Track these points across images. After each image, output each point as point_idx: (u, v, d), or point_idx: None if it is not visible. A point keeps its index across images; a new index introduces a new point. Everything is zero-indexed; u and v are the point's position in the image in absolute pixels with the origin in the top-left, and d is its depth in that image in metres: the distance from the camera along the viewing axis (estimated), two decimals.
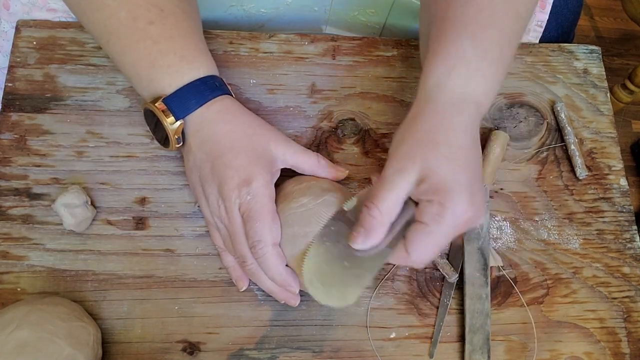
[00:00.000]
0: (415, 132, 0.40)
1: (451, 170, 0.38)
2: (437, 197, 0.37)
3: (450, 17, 0.42)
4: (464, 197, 0.38)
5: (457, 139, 0.39)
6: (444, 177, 0.38)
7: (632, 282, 0.50)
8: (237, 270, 0.46)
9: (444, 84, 0.40)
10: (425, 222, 0.38)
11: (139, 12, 0.42)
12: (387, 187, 0.38)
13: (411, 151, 0.39)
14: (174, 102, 0.42)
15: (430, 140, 0.39)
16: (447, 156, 0.38)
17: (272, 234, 0.42)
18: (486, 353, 0.46)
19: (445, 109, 0.40)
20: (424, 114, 0.40)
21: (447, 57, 0.40)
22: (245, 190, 0.41)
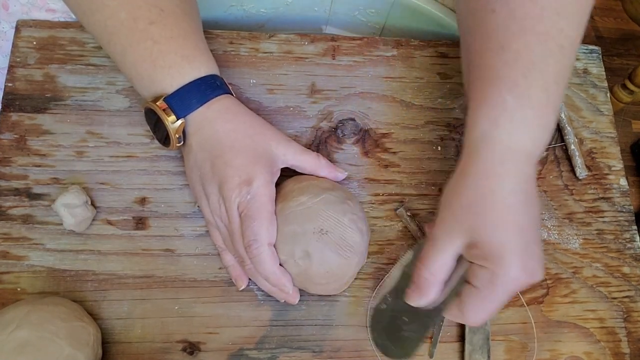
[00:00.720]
0: (462, 194, 0.39)
1: (501, 237, 0.37)
2: (488, 264, 0.37)
3: (487, 64, 0.40)
4: (515, 263, 0.36)
5: (506, 202, 0.37)
6: (494, 245, 0.37)
7: (632, 282, 0.50)
8: (236, 269, 0.46)
9: (488, 138, 0.38)
10: (477, 287, 0.38)
11: (139, 12, 0.42)
12: (436, 249, 0.39)
13: (459, 216, 0.38)
14: (175, 101, 0.42)
15: (477, 205, 0.38)
16: (495, 222, 0.37)
17: (268, 234, 0.42)
18: (486, 353, 0.46)
19: (492, 169, 0.38)
20: (470, 172, 0.39)
21: (489, 109, 0.39)
22: (245, 190, 0.41)
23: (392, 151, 0.52)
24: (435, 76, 0.55)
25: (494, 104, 0.39)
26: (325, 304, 0.47)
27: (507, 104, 0.38)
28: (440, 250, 0.39)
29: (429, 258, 0.39)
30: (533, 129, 0.39)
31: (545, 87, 0.39)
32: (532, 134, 0.39)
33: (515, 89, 0.38)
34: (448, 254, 0.38)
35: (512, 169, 0.38)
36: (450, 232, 0.38)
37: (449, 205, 0.39)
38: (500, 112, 0.38)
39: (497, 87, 0.39)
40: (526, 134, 0.38)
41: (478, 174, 0.38)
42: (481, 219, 0.37)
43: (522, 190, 0.38)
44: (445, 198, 0.40)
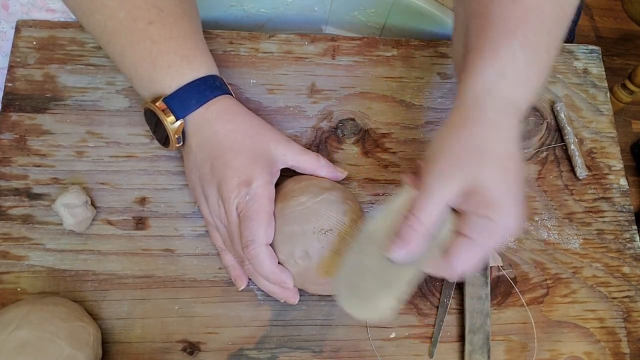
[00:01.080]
0: (463, 139, 0.37)
1: (503, 185, 0.37)
2: (489, 212, 0.36)
3: (495, 15, 0.39)
4: (514, 212, 0.37)
5: (510, 152, 0.37)
6: (497, 192, 0.36)
7: (632, 282, 0.50)
8: (236, 269, 0.46)
9: (494, 89, 0.38)
10: (472, 237, 0.37)
11: (138, 12, 0.42)
12: (429, 195, 0.37)
13: (459, 159, 0.37)
14: (175, 102, 0.42)
15: (482, 151, 0.37)
16: (499, 170, 0.37)
17: (266, 235, 0.41)
18: (486, 353, 0.46)
19: (497, 119, 0.38)
20: (472, 121, 0.38)
21: (497, 60, 0.38)
22: (244, 191, 0.41)
23: (392, 151, 0.52)
24: (435, 76, 0.55)
25: (502, 55, 0.38)
26: (325, 304, 0.47)
27: (516, 58, 0.38)
28: (434, 198, 0.37)
29: (418, 206, 0.37)
30: (532, 87, 0.39)
31: (548, 50, 0.39)
32: (531, 92, 0.39)
33: (526, 44, 0.38)
34: (442, 202, 0.37)
35: (512, 121, 0.38)
36: (448, 177, 0.37)
37: (446, 151, 0.37)
38: (509, 65, 0.38)
39: (507, 38, 0.38)
40: (527, 90, 0.39)
41: (483, 123, 0.38)
42: (488, 165, 0.36)
43: (515, 141, 0.38)
44: (440, 145, 0.38)
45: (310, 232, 0.42)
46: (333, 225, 0.42)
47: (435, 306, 0.48)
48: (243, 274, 0.46)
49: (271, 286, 0.44)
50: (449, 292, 0.48)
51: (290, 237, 0.42)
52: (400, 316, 0.47)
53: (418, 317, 0.47)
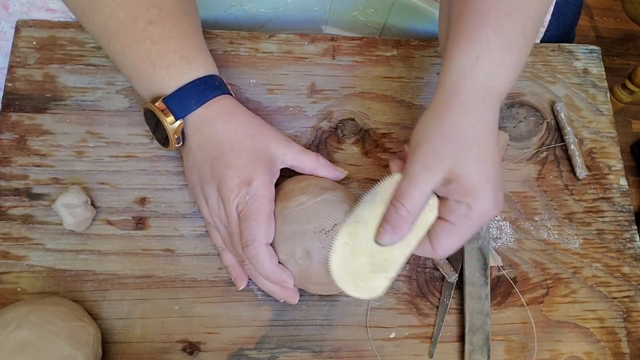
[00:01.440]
0: (442, 127, 0.39)
1: (481, 172, 0.38)
2: (466, 198, 0.38)
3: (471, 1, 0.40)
4: (491, 197, 0.38)
5: (485, 138, 0.39)
6: (474, 180, 0.38)
7: (632, 282, 0.50)
8: (236, 269, 0.46)
9: (469, 75, 0.39)
10: (451, 222, 0.39)
11: (138, 12, 0.42)
12: (414, 184, 0.39)
13: (439, 149, 0.38)
14: (174, 102, 0.42)
15: (459, 139, 0.38)
16: (477, 157, 0.38)
17: (266, 234, 0.41)
18: (486, 353, 0.46)
19: (472, 105, 0.39)
20: (450, 107, 0.39)
21: (471, 46, 0.39)
22: (244, 191, 0.41)
23: (392, 151, 0.52)
24: (435, 76, 0.55)
25: (476, 39, 0.39)
26: (325, 304, 0.47)
27: (489, 42, 0.39)
28: (418, 187, 0.38)
29: (405, 194, 0.39)
30: (509, 71, 0.40)
31: (524, 32, 0.40)
32: (507, 76, 0.40)
33: (499, 27, 0.39)
34: (427, 190, 0.39)
35: (489, 107, 0.39)
36: (431, 166, 0.38)
37: (426, 140, 0.39)
38: (482, 49, 0.39)
39: (481, 22, 0.39)
40: (503, 75, 0.39)
41: (459, 109, 0.39)
42: (464, 154, 0.38)
43: (495, 128, 0.40)
44: (422, 133, 0.40)
45: (311, 232, 0.42)
46: (333, 225, 0.42)
47: (435, 306, 0.48)
48: (243, 273, 0.46)
49: (271, 286, 0.44)
50: (448, 292, 0.48)
51: (291, 236, 0.42)
52: (400, 316, 0.47)
53: (418, 317, 0.47)
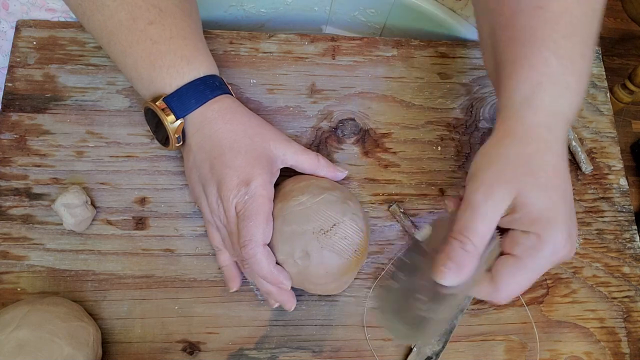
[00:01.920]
0: (507, 154, 0.36)
1: (550, 199, 0.35)
2: (534, 228, 0.34)
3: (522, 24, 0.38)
4: (563, 229, 0.35)
5: (555, 165, 0.36)
6: (542, 207, 0.35)
7: (632, 282, 0.50)
8: (230, 270, 0.46)
9: (532, 102, 0.36)
10: (518, 255, 0.35)
11: (138, 12, 0.42)
12: (479, 216, 0.35)
13: (504, 175, 0.35)
14: (174, 101, 0.42)
15: (525, 165, 0.35)
16: (545, 184, 0.35)
17: (264, 235, 0.41)
18: (442, 342, 0.45)
19: (538, 131, 0.36)
20: (515, 134, 0.37)
21: (532, 72, 0.37)
22: (243, 190, 0.41)
23: (392, 151, 0.52)
24: (435, 76, 0.55)
25: (535, 65, 0.37)
26: (325, 304, 0.47)
27: (550, 66, 0.36)
28: (483, 217, 0.35)
29: (470, 228, 0.35)
30: (573, 95, 0.37)
31: (582, 53, 0.38)
32: (573, 100, 0.37)
33: (558, 50, 0.37)
34: (492, 220, 0.35)
35: (558, 134, 0.37)
36: (494, 195, 0.35)
37: (487, 167, 0.36)
38: (544, 74, 0.37)
39: (538, 47, 0.37)
40: (568, 100, 0.37)
41: (523, 137, 0.36)
42: (531, 179, 0.35)
43: (565, 156, 0.37)
44: (481, 163, 0.37)
45: (310, 232, 0.42)
46: (333, 225, 0.42)
47: None
48: (237, 275, 0.46)
49: (269, 286, 0.44)
50: None
51: (290, 237, 0.42)
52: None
53: None
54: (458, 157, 0.52)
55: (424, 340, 0.38)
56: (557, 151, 0.36)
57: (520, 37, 0.38)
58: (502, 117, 0.38)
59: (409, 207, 0.50)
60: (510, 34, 0.39)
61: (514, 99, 0.37)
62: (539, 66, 0.37)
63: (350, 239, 0.43)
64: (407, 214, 0.50)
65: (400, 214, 0.49)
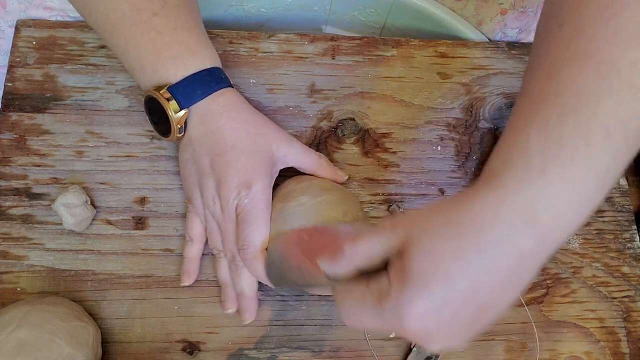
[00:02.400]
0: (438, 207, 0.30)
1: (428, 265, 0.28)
2: (396, 277, 0.29)
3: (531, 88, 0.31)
4: (416, 305, 0.28)
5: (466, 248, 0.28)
6: (413, 265, 0.28)
7: (632, 282, 0.50)
8: (192, 264, 0.46)
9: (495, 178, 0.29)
10: (368, 289, 0.31)
11: (142, 4, 0.42)
12: (371, 232, 0.32)
13: (414, 218, 0.31)
14: (180, 91, 0.42)
15: (439, 223, 0.29)
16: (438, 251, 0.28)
17: (261, 240, 0.42)
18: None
19: (481, 209, 0.28)
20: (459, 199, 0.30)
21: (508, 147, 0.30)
22: (244, 193, 0.42)
23: (392, 151, 0.52)
24: (435, 76, 0.55)
25: (516, 141, 0.29)
26: (325, 304, 0.47)
27: (529, 146, 0.28)
28: (373, 236, 0.32)
29: (359, 235, 0.32)
30: (554, 190, 0.27)
31: (588, 138, 0.27)
32: (551, 196, 0.27)
33: (547, 129, 0.28)
34: (377, 244, 0.31)
35: (501, 227, 0.28)
36: (395, 227, 0.31)
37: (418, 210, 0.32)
38: (519, 154, 0.28)
39: (527, 122, 0.29)
40: (542, 191, 0.27)
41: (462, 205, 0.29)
42: (426, 240, 0.29)
43: (493, 259, 0.28)
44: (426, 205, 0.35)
45: None
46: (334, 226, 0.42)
47: None
48: (195, 272, 0.46)
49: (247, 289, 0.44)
50: None
51: None
52: None
53: None
54: (458, 157, 0.52)
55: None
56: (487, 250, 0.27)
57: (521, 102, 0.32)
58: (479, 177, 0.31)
59: (409, 208, 0.50)
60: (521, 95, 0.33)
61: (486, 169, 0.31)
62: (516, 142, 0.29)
63: None
64: None
65: (400, 214, 0.49)
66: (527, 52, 0.57)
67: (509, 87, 0.56)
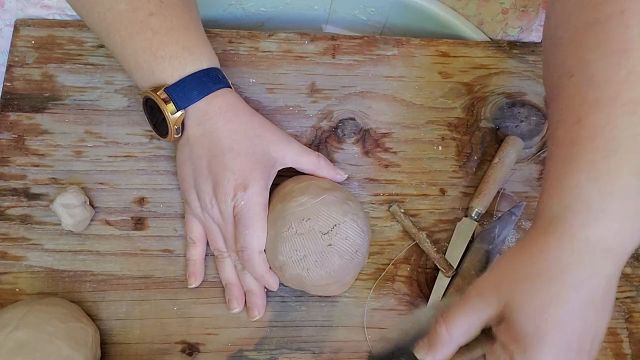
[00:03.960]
0: (515, 266, 0.34)
1: (541, 325, 0.31)
2: (511, 346, 0.32)
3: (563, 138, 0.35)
4: (553, 357, 0.31)
5: (562, 294, 0.32)
6: (527, 327, 0.31)
7: (634, 282, 0.50)
8: (196, 265, 0.46)
9: (560, 222, 0.33)
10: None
11: (138, 3, 0.42)
12: (463, 307, 0.34)
13: (503, 280, 0.34)
14: (176, 92, 0.41)
15: (527, 283, 0.32)
16: (541, 307, 0.32)
17: (258, 242, 0.43)
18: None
19: (559, 254, 0.32)
20: (532, 249, 0.34)
21: (563, 192, 0.33)
22: (240, 195, 0.42)
23: (392, 151, 0.52)
24: (436, 75, 0.55)
25: (568, 187, 0.33)
26: (325, 305, 0.47)
27: (583, 189, 0.32)
28: (466, 310, 0.34)
29: (451, 314, 0.34)
30: (617, 222, 0.32)
31: (633, 170, 0.32)
32: (616, 228, 0.32)
33: (594, 172, 0.32)
34: (473, 317, 0.34)
35: (585, 262, 0.32)
36: (486, 295, 0.34)
37: (496, 270, 0.35)
38: (576, 198, 0.33)
39: (572, 167, 0.33)
40: (607, 226, 0.32)
41: (538, 254, 0.33)
42: (525, 298, 0.32)
43: (590, 290, 0.32)
44: (497, 263, 0.36)
45: (311, 233, 0.41)
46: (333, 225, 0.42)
47: None
48: (200, 272, 0.46)
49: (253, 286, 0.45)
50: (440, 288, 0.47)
51: (290, 237, 0.42)
52: (401, 317, 0.47)
53: None
54: (459, 157, 0.52)
55: None
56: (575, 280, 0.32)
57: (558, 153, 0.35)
58: (533, 226, 0.36)
59: (409, 208, 0.50)
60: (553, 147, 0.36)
61: (544, 215, 0.34)
62: (570, 188, 0.33)
63: (351, 240, 0.42)
64: (407, 214, 0.49)
65: (400, 214, 0.49)
66: (528, 51, 0.57)
67: (510, 86, 0.55)
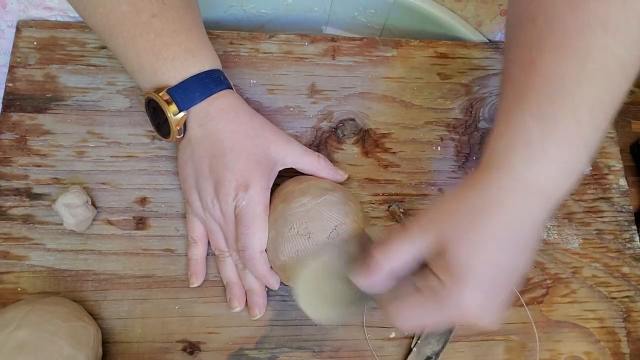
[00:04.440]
0: (454, 201, 0.35)
1: (473, 259, 0.33)
2: (446, 277, 0.33)
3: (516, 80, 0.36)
4: (473, 293, 0.33)
5: (494, 231, 0.33)
6: (461, 262, 0.33)
7: (632, 282, 0.50)
8: (198, 265, 0.46)
9: (502, 160, 0.34)
10: (422, 293, 0.35)
11: (141, 5, 0.42)
12: (401, 237, 0.36)
13: (442, 215, 0.35)
14: (178, 93, 0.42)
15: (463, 218, 0.34)
16: (474, 243, 0.33)
17: (259, 242, 0.43)
18: (442, 342, 0.46)
19: (495, 191, 0.34)
20: (471, 185, 0.35)
21: (508, 130, 0.35)
22: (241, 195, 0.42)
23: (392, 151, 0.52)
24: (435, 76, 0.55)
25: (514, 126, 0.34)
26: None
27: (527, 129, 0.34)
28: (404, 239, 0.35)
29: (390, 242, 0.36)
30: (555, 166, 0.34)
31: (576, 117, 0.33)
32: (553, 171, 0.34)
33: (540, 113, 0.33)
34: (411, 248, 0.35)
35: (518, 202, 0.33)
36: (424, 228, 0.35)
37: (436, 206, 0.36)
38: (519, 137, 0.34)
39: (520, 107, 0.34)
40: (545, 169, 0.33)
41: (478, 190, 0.34)
42: (461, 232, 0.34)
43: (520, 229, 0.34)
44: (440, 198, 0.38)
45: (313, 234, 0.42)
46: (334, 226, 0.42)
47: None
48: (202, 272, 0.46)
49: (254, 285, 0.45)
50: None
51: (291, 238, 0.42)
52: None
53: None
54: (458, 157, 0.53)
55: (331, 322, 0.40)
56: (507, 219, 0.33)
57: (509, 92, 0.36)
58: (479, 164, 0.36)
59: (409, 207, 0.50)
60: (505, 86, 0.37)
61: (488, 152, 0.36)
62: (515, 127, 0.34)
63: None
64: (407, 214, 0.50)
65: (400, 214, 0.50)
66: None
67: None
